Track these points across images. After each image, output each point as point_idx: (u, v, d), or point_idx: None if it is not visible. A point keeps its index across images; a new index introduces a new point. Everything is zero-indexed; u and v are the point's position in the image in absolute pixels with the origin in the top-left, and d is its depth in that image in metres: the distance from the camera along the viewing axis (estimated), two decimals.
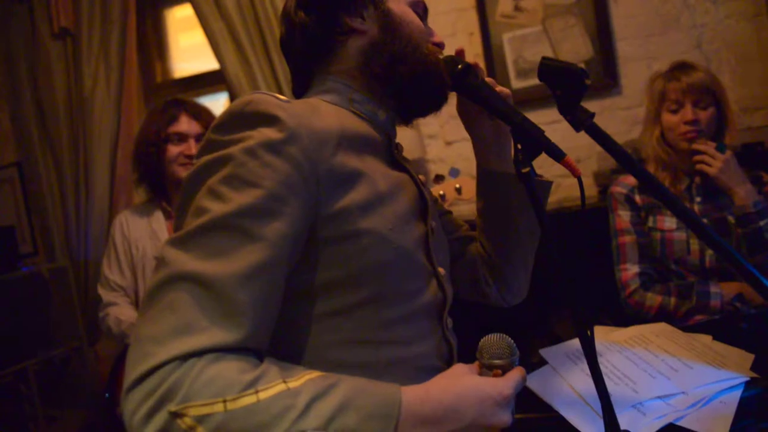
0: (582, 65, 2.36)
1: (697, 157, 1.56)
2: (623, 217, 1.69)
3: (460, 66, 0.83)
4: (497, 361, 0.76)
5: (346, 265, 0.74)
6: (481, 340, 0.80)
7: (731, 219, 1.54)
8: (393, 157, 0.90)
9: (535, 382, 1.17)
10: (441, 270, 0.90)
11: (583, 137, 1.05)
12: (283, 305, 0.70)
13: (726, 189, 1.52)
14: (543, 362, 1.24)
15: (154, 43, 3.03)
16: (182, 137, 1.77)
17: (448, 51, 2.60)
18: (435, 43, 0.92)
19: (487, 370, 0.76)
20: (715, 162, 1.52)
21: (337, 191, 0.73)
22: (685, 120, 1.59)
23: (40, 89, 2.76)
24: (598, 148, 2.16)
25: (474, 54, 2.50)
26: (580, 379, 1.10)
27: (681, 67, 1.65)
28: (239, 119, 0.72)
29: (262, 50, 2.46)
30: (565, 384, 1.13)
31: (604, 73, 2.35)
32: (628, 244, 1.67)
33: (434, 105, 0.92)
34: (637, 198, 1.67)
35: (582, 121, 0.77)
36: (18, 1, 2.79)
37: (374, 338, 0.77)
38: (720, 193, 1.56)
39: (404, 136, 2.40)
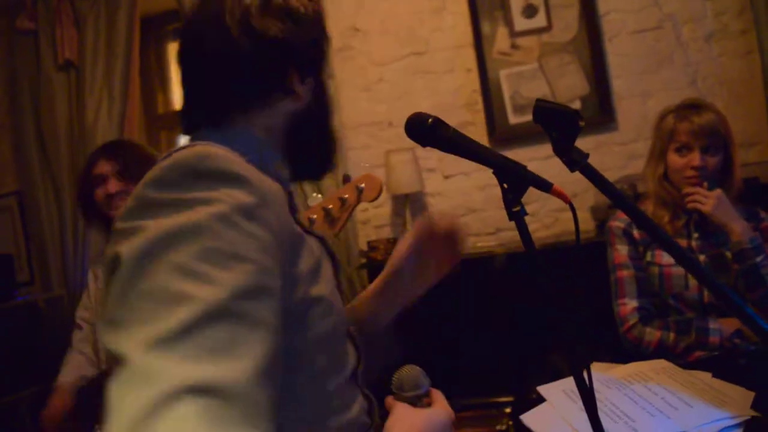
0: (578, 102, 2.41)
1: (689, 198, 1.56)
2: (621, 251, 1.69)
3: (430, 120, 0.85)
4: (421, 390, 0.81)
5: (304, 337, 0.70)
6: (395, 376, 0.84)
7: (729, 255, 1.55)
8: (295, 215, 0.84)
9: (533, 420, 1.16)
10: (351, 327, 0.88)
11: (578, 173, 1.06)
12: None
13: (722, 225, 1.53)
14: (541, 399, 1.23)
15: (156, 75, 3.08)
16: (102, 178, 1.75)
17: (449, 85, 2.61)
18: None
19: (417, 400, 0.81)
20: (707, 200, 1.53)
21: (294, 257, 0.69)
22: (692, 165, 1.57)
23: (43, 119, 2.79)
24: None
25: (472, 90, 2.54)
26: (578, 418, 1.09)
27: (692, 107, 1.62)
28: (193, 177, 0.60)
29: None
30: (563, 422, 1.12)
31: (600, 110, 2.39)
32: (626, 278, 1.67)
33: (324, 171, 0.93)
34: (635, 232, 1.68)
35: (576, 162, 0.78)
36: (24, 33, 2.84)
37: (324, 411, 0.74)
38: (717, 229, 1.57)
39: (403, 170, 2.44)
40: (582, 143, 0.88)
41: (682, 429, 0.98)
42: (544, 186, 0.83)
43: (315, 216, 1.57)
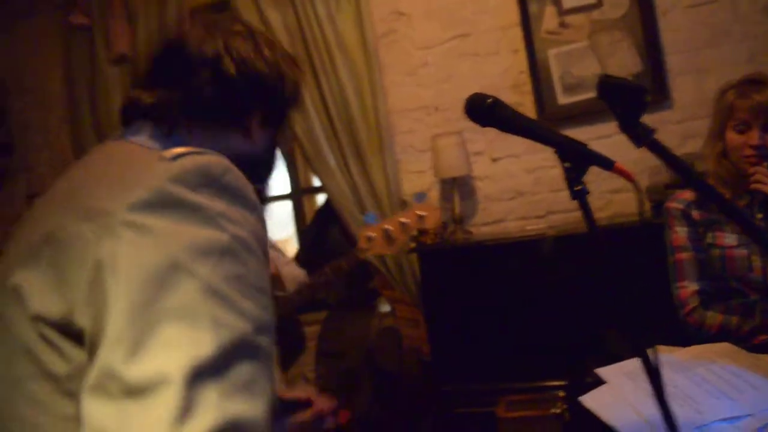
0: (632, 80, 2.33)
1: (752, 178, 1.51)
2: (680, 233, 1.65)
3: (489, 100, 0.84)
4: None
5: None
6: None
7: None
8: None
9: (593, 402, 1.15)
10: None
11: (633, 152, 1.04)
12: None
13: None
14: (598, 382, 1.22)
15: None
16: None
17: (495, 67, 2.59)
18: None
19: None
20: None
21: None
22: (750, 143, 1.51)
23: (99, 112, 2.89)
24: (650, 162, 2.15)
25: (519, 71, 2.50)
26: (640, 400, 1.08)
27: (753, 83, 1.56)
28: (217, 188, 0.58)
29: (310, 73, 2.52)
30: (626, 404, 1.11)
31: (654, 88, 2.32)
32: (686, 260, 1.63)
33: None
34: (695, 213, 1.63)
35: (643, 137, 0.77)
36: (78, 29, 2.93)
37: None
38: None
39: (450, 153, 2.43)
40: None
41: (748, 412, 0.96)
42: (606, 164, 0.82)
43: (374, 234, 1.61)
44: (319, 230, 2.95)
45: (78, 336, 0.53)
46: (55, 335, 0.55)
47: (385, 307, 2.65)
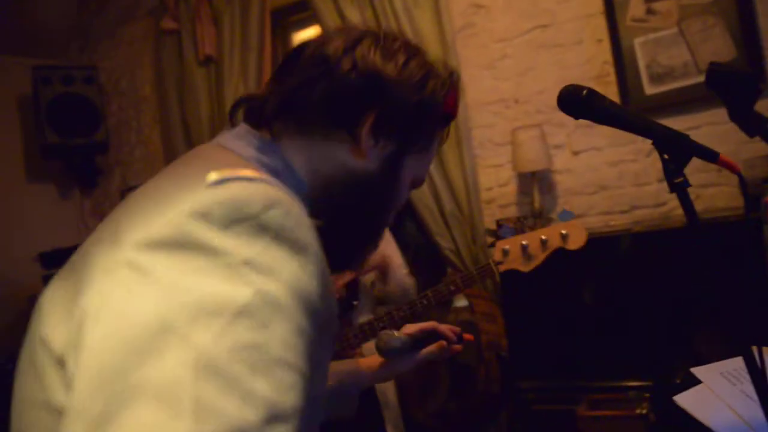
0: None
1: None
2: None
3: (584, 92, 0.82)
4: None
5: None
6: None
7: None
8: None
9: (688, 402, 1.12)
10: None
11: (722, 145, 0.99)
12: None
13: None
14: (687, 382, 1.17)
15: None
16: None
17: (577, 58, 2.53)
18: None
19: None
20: None
21: (319, 350, 0.54)
22: None
23: (187, 111, 3.04)
24: (744, 155, 2.03)
25: (603, 61, 2.42)
26: (740, 402, 1.04)
27: None
28: (252, 228, 0.46)
29: None
30: (724, 405, 1.07)
31: None
32: None
33: (335, 269, 0.62)
34: None
35: (756, 126, 0.74)
36: (168, 33, 3.10)
37: None
38: None
39: (530, 147, 2.39)
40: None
41: None
42: (710, 156, 0.79)
43: (509, 247, 1.53)
44: (395, 224, 2.98)
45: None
46: (57, 364, 0.47)
47: (461, 302, 2.65)
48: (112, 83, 3.51)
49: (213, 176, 0.48)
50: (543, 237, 1.55)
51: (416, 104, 0.71)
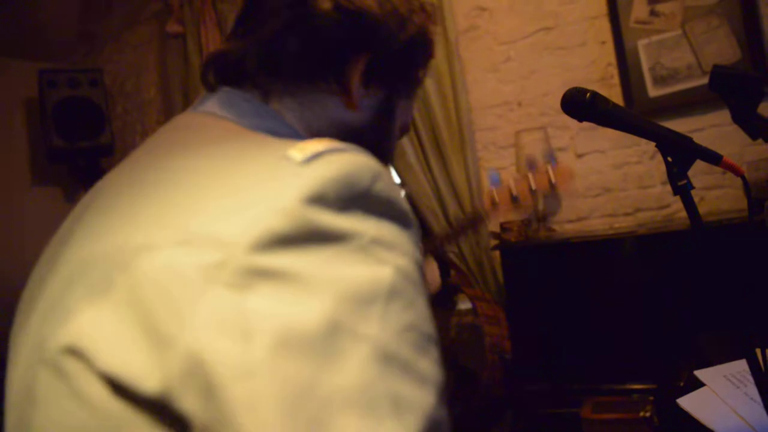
0: None
1: None
2: None
3: (588, 95, 0.83)
4: None
5: None
6: None
7: None
8: None
9: (691, 405, 1.11)
10: None
11: (726, 147, 0.99)
12: None
13: None
14: (691, 385, 1.17)
15: None
16: None
17: (580, 60, 2.52)
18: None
19: None
20: None
21: None
22: None
23: None
24: (747, 157, 2.03)
25: (606, 63, 2.42)
26: (744, 405, 1.04)
27: None
28: (368, 203, 0.42)
29: None
30: (728, 408, 1.07)
31: None
32: None
33: None
34: None
35: (760, 129, 0.74)
36: (173, 36, 3.11)
37: None
38: None
39: (534, 149, 2.39)
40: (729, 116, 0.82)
41: None
42: (713, 158, 0.79)
43: (497, 196, 1.51)
44: None
45: (177, 419, 0.36)
46: (141, 401, 0.38)
47: (464, 305, 2.65)
48: (118, 86, 3.53)
49: (296, 152, 0.42)
50: (531, 183, 1.53)
51: (406, 44, 0.65)
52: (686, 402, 1.15)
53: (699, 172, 2.09)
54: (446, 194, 2.59)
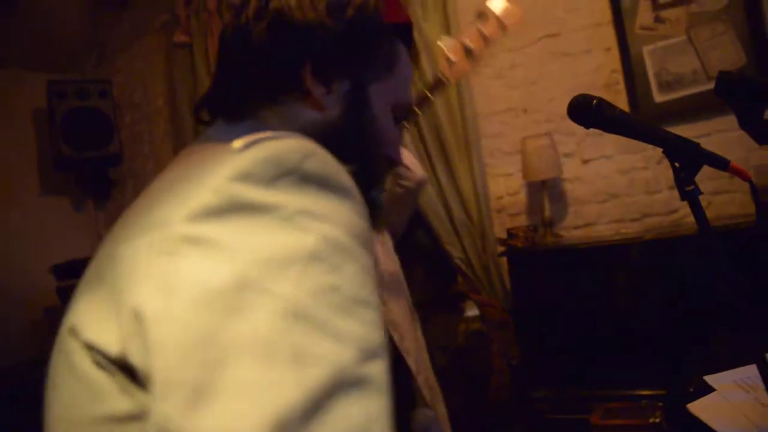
0: None
1: None
2: None
3: (594, 101, 0.83)
4: None
5: None
6: None
7: None
8: None
9: (702, 410, 1.11)
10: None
11: (732, 152, 1.00)
12: None
13: None
14: (701, 391, 1.17)
15: None
16: None
17: (586, 66, 2.52)
18: (390, 158, 0.74)
19: None
20: None
21: None
22: None
23: (199, 125, 3.07)
24: (753, 162, 2.03)
25: (611, 70, 2.43)
26: (755, 410, 1.03)
27: None
28: (296, 179, 0.45)
29: None
30: (738, 414, 1.07)
31: None
32: None
33: None
34: None
35: (766, 134, 0.74)
36: (180, 46, 3.14)
37: None
38: None
39: (540, 156, 2.40)
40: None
41: None
42: (721, 163, 0.80)
43: (453, 56, 1.45)
44: (405, 233, 2.99)
45: (134, 374, 0.42)
46: (112, 368, 0.43)
47: (472, 311, 2.65)
48: (126, 96, 3.56)
49: (238, 143, 0.47)
50: (482, 31, 1.47)
51: (346, 32, 0.64)
52: (696, 408, 1.14)
53: (706, 178, 2.08)
54: (452, 200, 2.60)
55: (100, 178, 3.49)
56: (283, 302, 0.39)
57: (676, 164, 0.81)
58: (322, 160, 0.47)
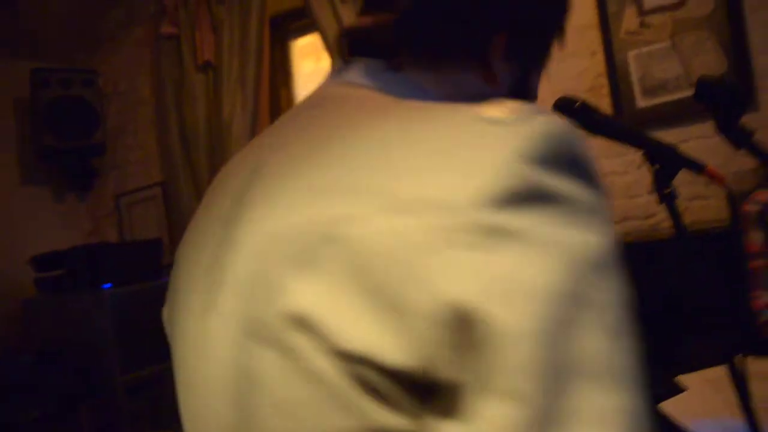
0: None
1: None
2: (755, 238, 1.58)
3: (578, 104, 0.85)
4: None
5: None
6: None
7: None
8: None
9: (673, 409, 1.14)
10: None
11: (712, 158, 1.02)
12: None
13: None
14: (673, 391, 1.20)
15: (280, 72, 3.26)
16: None
17: (570, 70, 2.55)
18: None
19: None
20: None
21: None
22: None
23: (185, 116, 3.06)
24: (732, 168, 2.07)
25: (596, 74, 2.46)
26: (724, 410, 1.06)
27: None
28: (581, 169, 0.39)
29: None
30: (709, 413, 1.09)
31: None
32: (760, 269, 1.56)
33: None
34: None
35: (743, 139, 0.77)
36: (167, 38, 3.12)
37: None
38: None
39: None
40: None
41: None
42: (698, 167, 0.82)
43: None
44: None
45: (424, 386, 0.36)
46: (374, 376, 0.37)
47: None
48: (111, 86, 3.53)
49: (497, 110, 0.40)
50: None
51: (546, 17, 0.64)
52: (668, 406, 1.17)
53: (684, 183, 2.11)
54: None
55: (82, 169, 3.45)
56: (606, 317, 0.36)
57: (655, 167, 0.84)
58: (584, 146, 0.41)
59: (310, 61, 3.25)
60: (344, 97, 0.54)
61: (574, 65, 2.50)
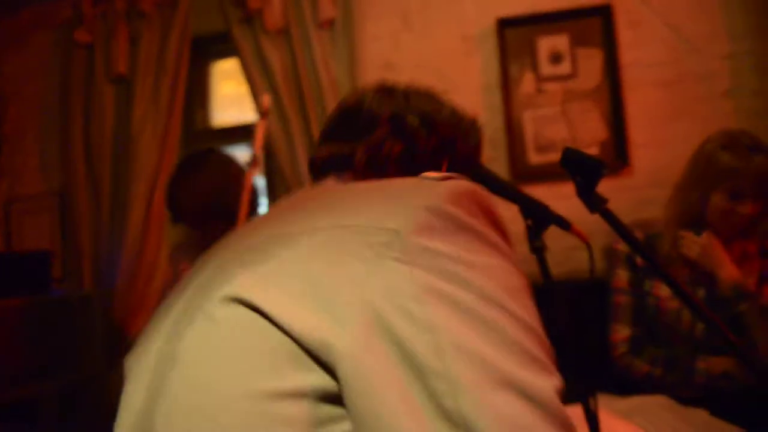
0: (596, 146, 2.54)
1: (680, 242, 1.55)
2: (621, 276, 1.71)
3: None
4: None
5: None
6: None
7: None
8: None
9: None
10: None
11: (589, 215, 1.18)
12: None
13: (709, 272, 1.52)
14: None
15: (198, 93, 3.25)
16: None
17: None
18: None
19: None
20: (693, 246, 1.53)
21: None
22: (744, 212, 1.48)
23: (91, 127, 2.96)
24: (605, 224, 2.30)
25: (495, 128, 2.67)
26: None
27: (753, 147, 1.49)
28: (488, 217, 0.55)
29: (301, 113, 2.64)
30: None
31: (616, 155, 2.52)
32: (622, 305, 1.68)
33: None
34: (639, 259, 1.69)
35: (597, 205, 0.90)
36: (81, 46, 3.02)
37: None
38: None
39: None
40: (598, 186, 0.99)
41: None
42: (564, 225, 0.95)
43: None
44: None
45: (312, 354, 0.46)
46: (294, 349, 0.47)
47: None
48: (13, 87, 3.34)
49: (432, 176, 0.56)
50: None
51: (474, 147, 0.88)
52: None
53: (568, 235, 2.33)
54: None
55: None
56: (516, 318, 0.47)
57: (529, 222, 0.96)
58: (494, 207, 0.56)
59: (231, 84, 3.26)
60: (326, 186, 0.72)
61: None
